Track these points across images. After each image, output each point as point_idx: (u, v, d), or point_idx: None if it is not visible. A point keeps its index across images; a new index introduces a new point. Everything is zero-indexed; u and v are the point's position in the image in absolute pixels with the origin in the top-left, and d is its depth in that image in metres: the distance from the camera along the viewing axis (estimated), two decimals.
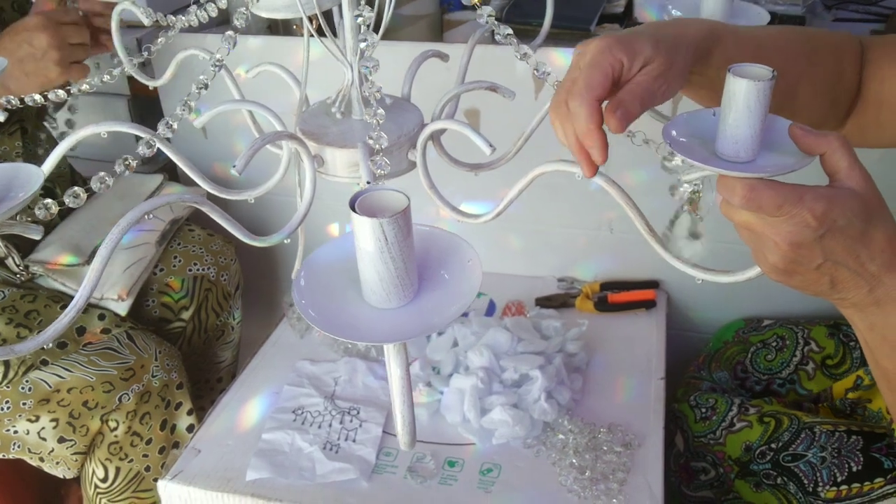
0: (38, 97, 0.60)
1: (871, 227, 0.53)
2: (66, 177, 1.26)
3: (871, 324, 0.59)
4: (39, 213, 0.48)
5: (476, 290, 0.41)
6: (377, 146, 0.50)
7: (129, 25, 1.31)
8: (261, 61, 0.69)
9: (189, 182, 1.47)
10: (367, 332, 0.40)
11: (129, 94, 1.51)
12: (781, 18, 1.28)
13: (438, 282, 0.43)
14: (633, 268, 1.30)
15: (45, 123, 1.23)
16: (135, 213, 0.42)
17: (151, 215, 1.25)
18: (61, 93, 0.60)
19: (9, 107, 0.56)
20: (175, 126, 0.51)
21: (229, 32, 0.56)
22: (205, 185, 0.56)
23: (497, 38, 0.56)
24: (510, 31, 0.55)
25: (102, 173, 0.48)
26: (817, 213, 0.51)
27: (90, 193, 0.50)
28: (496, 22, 0.55)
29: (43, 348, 1.04)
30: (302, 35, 0.61)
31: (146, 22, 0.63)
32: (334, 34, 0.59)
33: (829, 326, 1.12)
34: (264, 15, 0.59)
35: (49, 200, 0.49)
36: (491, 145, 0.52)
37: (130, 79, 1.49)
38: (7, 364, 1.02)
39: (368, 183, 0.54)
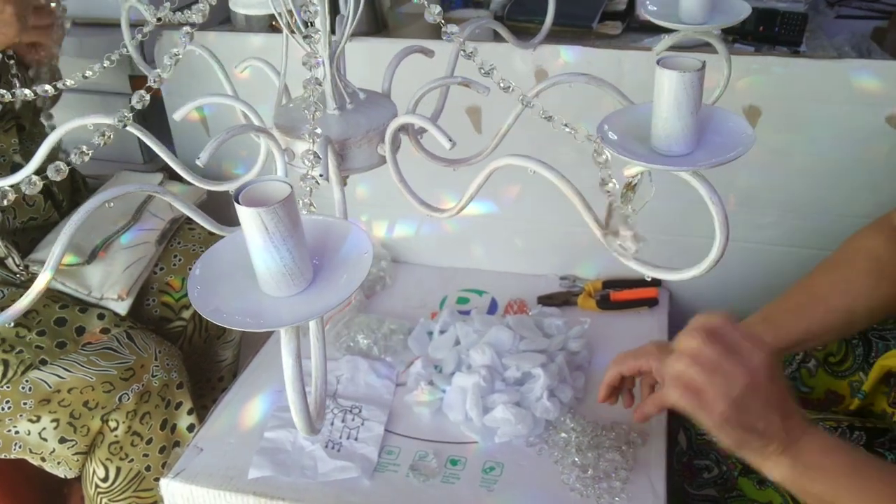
0: (28, 92, 0.59)
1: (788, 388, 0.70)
2: (65, 177, 1.26)
3: (792, 462, 0.71)
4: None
5: (361, 279, 0.41)
6: (311, 140, 0.50)
7: (131, 25, 1.31)
8: (261, 58, 0.69)
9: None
10: (255, 319, 0.40)
11: (130, 92, 1.51)
12: (783, 15, 1.27)
13: (333, 270, 0.43)
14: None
15: (43, 121, 1.22)
16: (93, 201, 0.43)
17: (152, 213, 1.25)
18: (48, 88, 0.59)
19: (1, 101, 0.56)
20: (146, 100, 0.51)
21: (185, 28, 0.56)
22: (179, 169, 0.56)
23: (462, 54, 0.55)
24: (475, 48, 0.54)
25: (59, 161, 0.48)
26: (766, 361, 0.70)
27: (70, 166, 0.49)
28: (443, 22, 0.55)
29: (41, 347, 1.04)
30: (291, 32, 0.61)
31: (150, 19, 0.62)
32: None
33: None
34: (241, 11, 0.59)
35: (6, 187, 0.49)
36: (451, 140, 0.52)
37: (132, 78, 1.49)
38: (6, 364, 1.02)
39: (321, 176, 0.54)
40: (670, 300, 1.29)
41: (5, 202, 0.49)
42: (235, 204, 0.38)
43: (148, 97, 0.54)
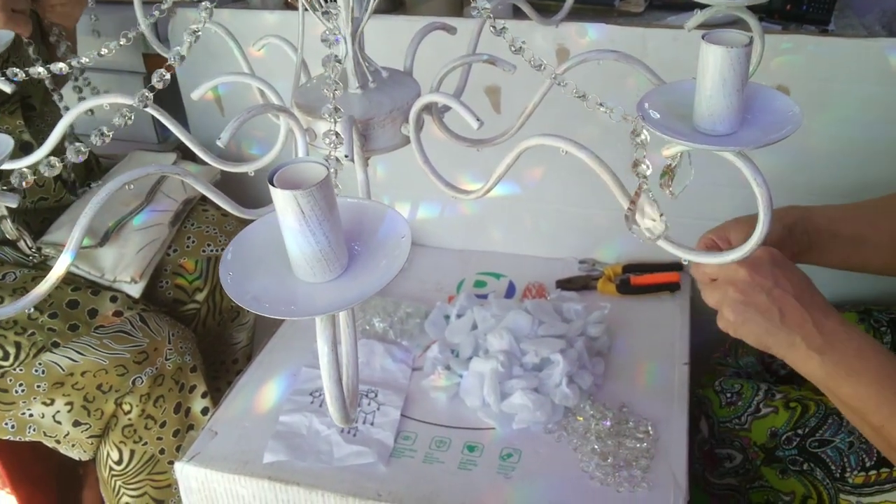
0: (41, 70, 0.58)
1: (809, 281, 0.75)
2: None
3: (822, 361, 0.73)
4: (14, 180, 0.46)
5: (401, 264, 0.39)
6: (333, 120, 0.48)
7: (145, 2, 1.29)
8: (279, 35, 0.67)
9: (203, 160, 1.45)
10: (290, 307, 0.39)
11: (144, 72, 1.49)
12: None
13: (370, 255, 0.41)
14: (656, 249, 1.26)
15: (56, 101, 1.21)
16: (114, 184, 0.41)
17: (165, 194, 1.24)
18: (62, 65, 0.57)
19: (14, 79, 0.54)
20: (167, 79, 0.50)
21: (204, 3, 0.54)
22: (196, 150, 0.55)
23: (491, 31, 0.53)
24: (505, 25, 0.52)
25: (79, 144, 0.47)
26: (768, 250, 0.75)
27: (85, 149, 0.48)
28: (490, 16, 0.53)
29: (53, 330, 1.03)
30: (307, 9, 0.58)
31: None
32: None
33: (860, 312, 1.09)
34: None
35: (24, 169, 0.47)
36: (478, 119, 0.50)
37: (146, 57, 1.47)
38: (18, 346, 1.01)
39: (346, 157, 0.52)
40: (692, 285, 1.26)
41: (24, 184, 0.47)
42: (270, 186, 0.37)
43: (168, 76, 0.52)
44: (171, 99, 1.33)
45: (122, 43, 0.60)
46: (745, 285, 0.74)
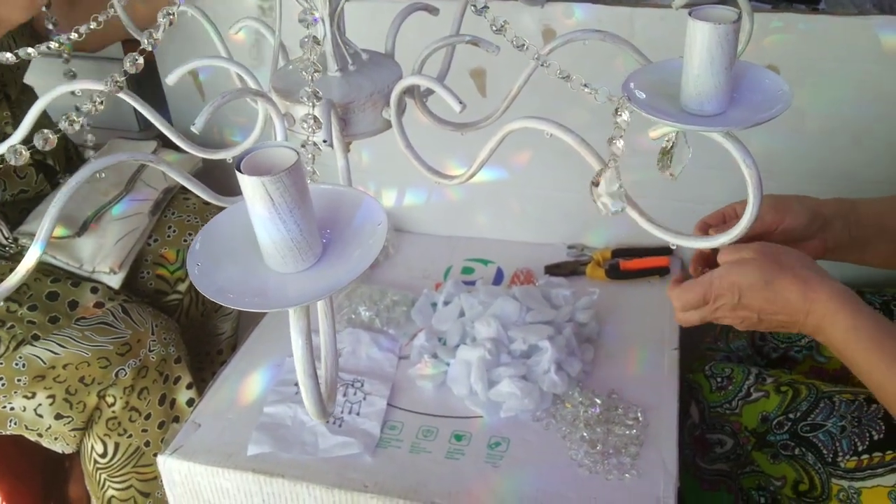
0: (9, 56, 0.56)
1: (774, 276, 0.74)
2: (59, 146, 1.22)
3: (828, 340, 0.76)
4: None
5: (375, 253, 0.38)
6: (311, 103, 0.46)
7: None
8: (256, 18, 0.65)
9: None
10: (260, 298, 0.37)
11: (123, 57, 1.47)
12: None
13: (344, 243, 0.40)
14: (645, 234, 1.24)
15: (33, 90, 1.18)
16: (83, 171, 0.39)
17: (144, 183, 1.21)
18: (31, 50, 0.55)
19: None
20: (139, 64, 0.47)
21: None
22: (172, 136, 0.53)
23: (472, 10, 0.51)
24: (487, 4, 0.50)
25: (46, 131, 0.44)
26: (724, 287, 0.77)
27: (62, 135, 0.46)
28: None
29: (33, 322, 1.01)
30: None
31: None
32: None
33: None
34: None
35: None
36: (461, 102, 0.49)
37: (124, 43, 1.44)
38: None
39: (325, 142, 0.51)
40: (682, 269, 1.25)
41: None
42: (237, 173, 0.35)
43: (141, 60, 0.50)
44: (151, 86, 1.30)
45: (92, 26, 0.58)
46: (727, 311, 0.79)
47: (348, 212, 0.41)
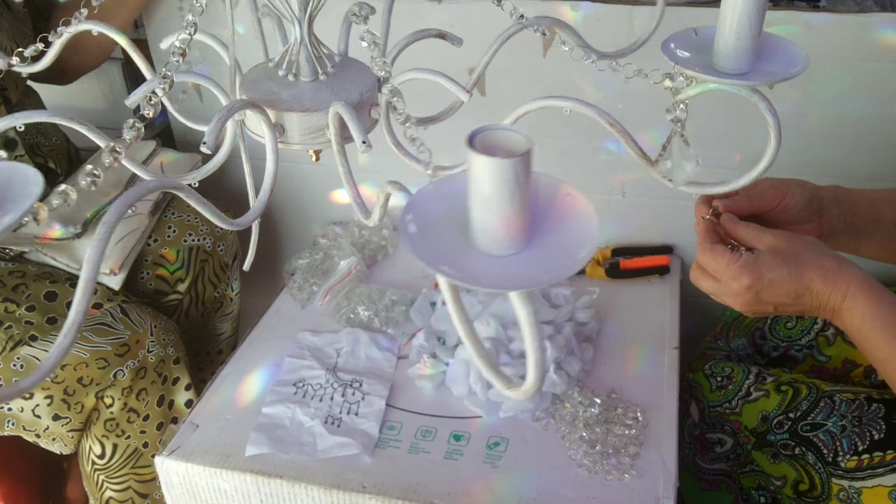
0: None
1: (797, 266, 0.72)
2: (61, 150, 1.22)
3: (846, 327, 0.75)
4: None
5: (594, 234, 0.38)
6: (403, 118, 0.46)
7: None
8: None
9: (183, 148, 1.42)
10: (490, 279, 0.37)
11: (122, 57, 1.46)
12: None
13: (550, 227, 0.39)
14: (645, 232, 1.26)
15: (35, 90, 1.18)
16: (120, 203, 0.39)
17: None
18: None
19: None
20: (170, 79, 0.47)
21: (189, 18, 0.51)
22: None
23: None
24: None
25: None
26: (745, 283, 0.73)
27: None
28: None
29: (31, 323, 1.01)
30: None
31: None
32: None
33: None
34: None
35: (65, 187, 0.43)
36: (468, 91, 0.51)
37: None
38: None
39: (364, 143, 0.51)
40: (682, 268, 1.25)
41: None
42: (471, 153, 0.35)
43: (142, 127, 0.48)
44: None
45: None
46: (741, 300, 0.76)
47: (546, 200, 0.40)
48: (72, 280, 1.09)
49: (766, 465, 0.98)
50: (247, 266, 0.66)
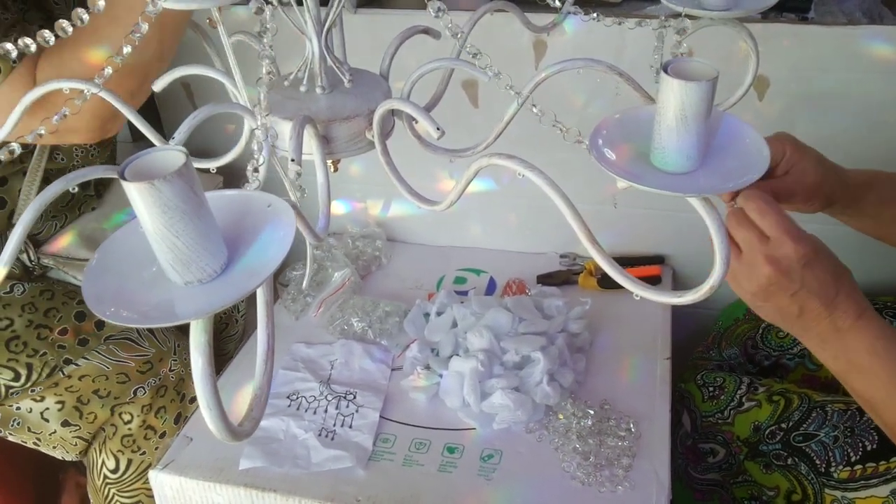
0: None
1: (841, 267, 0.71)
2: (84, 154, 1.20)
3: (835, 354, 0.72)
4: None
5: (276, 264, 0.35)
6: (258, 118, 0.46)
7: None
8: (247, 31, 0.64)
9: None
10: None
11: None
12: None
13: (249, 254, 0.38)
14: (637, 243, 1.26)
15: None
16: (54, 187, 0.39)
17: None
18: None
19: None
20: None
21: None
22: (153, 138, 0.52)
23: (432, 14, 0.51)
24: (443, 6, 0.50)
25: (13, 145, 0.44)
26: (801, 251, 0.68)
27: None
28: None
29: (63, 347, 1.00)
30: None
31: None
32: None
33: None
34: None
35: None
36: (439, 129, 0.48)
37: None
38: (30, 367, 0.99)
39: (292, 160, 0.50)
40: (673, 278, 1.25)
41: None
42: (121, 180, 0.33)
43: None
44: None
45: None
46: (769, 285, 0.70)
47: (255, 219, 0.38)
48: None
49: (758, 476, 0.99)
50: (305, 285, 0.66)
